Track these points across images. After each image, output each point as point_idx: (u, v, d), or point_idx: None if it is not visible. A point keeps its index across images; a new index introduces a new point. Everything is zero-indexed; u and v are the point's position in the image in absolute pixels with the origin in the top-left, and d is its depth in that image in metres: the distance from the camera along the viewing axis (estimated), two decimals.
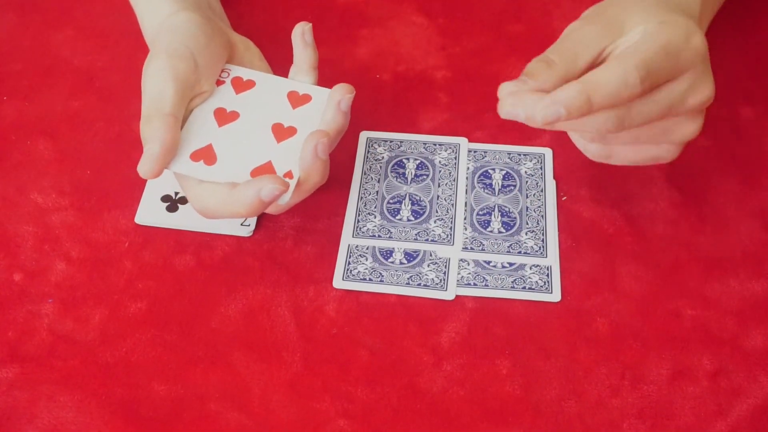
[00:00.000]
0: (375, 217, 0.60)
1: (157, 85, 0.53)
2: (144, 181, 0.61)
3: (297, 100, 0.57)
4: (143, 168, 0.52)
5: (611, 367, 0.53)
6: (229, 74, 0.57)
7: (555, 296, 0.56)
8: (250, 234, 0.59)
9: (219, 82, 0.57)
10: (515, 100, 0.48)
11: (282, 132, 0.55)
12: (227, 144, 0.54)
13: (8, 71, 0.69)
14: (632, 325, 0.55)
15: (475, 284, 0.56)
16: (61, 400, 0.52)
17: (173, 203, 0.60)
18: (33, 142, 0.64)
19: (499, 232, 0.59)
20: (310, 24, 0.57)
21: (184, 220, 0.59)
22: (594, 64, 0.50)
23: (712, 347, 0.54)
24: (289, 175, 0.53)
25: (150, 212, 0.60)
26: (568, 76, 0.49)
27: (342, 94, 0.54)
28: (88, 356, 0.54)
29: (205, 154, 0.54)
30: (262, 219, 0.60)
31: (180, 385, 0.53)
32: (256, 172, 0.53)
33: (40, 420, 0.51)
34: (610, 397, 0.52)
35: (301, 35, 0.57)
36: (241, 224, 0.59)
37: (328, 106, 0.55)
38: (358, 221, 0.60)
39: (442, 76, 0.68)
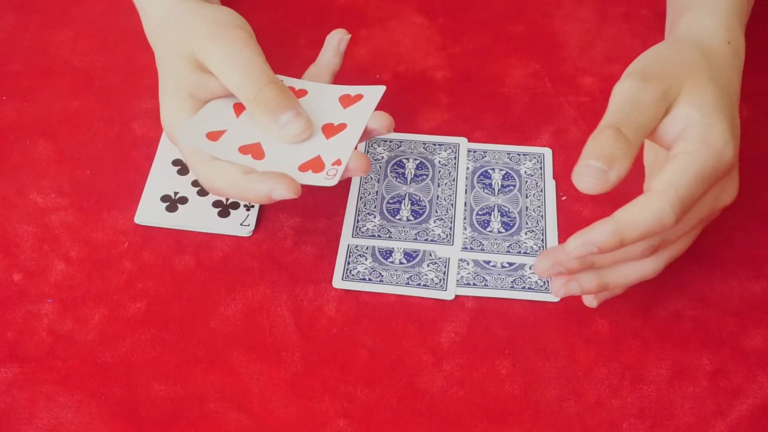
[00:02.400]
0: (375, 217, 0.60)
1: (248, 55, 0.54)
2: (143, 182, 0.61)
3: (349, 101, 0.56)
4: (304, 131, 0.54)
5: (611, 367, 0.53)
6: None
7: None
8: (250, 234, 0.59)
9: None
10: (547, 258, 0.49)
11: (332, 130, 0.55)
12: (276, 143, 0.54)
13: (8, 71, 0.69)
14: (632, 325, 0.55)
15: (474, 284, 0.56)
16: (60, 400, 0.52)
17: (173, 203, 0.60)
18: (32, 143, 0.64)
19: (499, 232, 0.59)
20: (350, 35, 0.59)
21: (184, 220, 0.59)
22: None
23: (711, 347, 0.54)
24: (337, 162, 0.53)
25: (149, 212, 0.60)
26: (635, 155, 0.48)
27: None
28: (87, 356, 0.54)
29: (253, 150, 0.53)
30: (262, 219, 0.60)
31: (179, 385, 0.53)
32: (305, 167, 0.53)
33: (40, 420, 0.51)
34: (610, 397, 0.52)
35: (338, 43, 0.58)
36: (241, 224, 0.59)
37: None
38: (358, 221, 0.59)
39: (442, 76, 0.68)
